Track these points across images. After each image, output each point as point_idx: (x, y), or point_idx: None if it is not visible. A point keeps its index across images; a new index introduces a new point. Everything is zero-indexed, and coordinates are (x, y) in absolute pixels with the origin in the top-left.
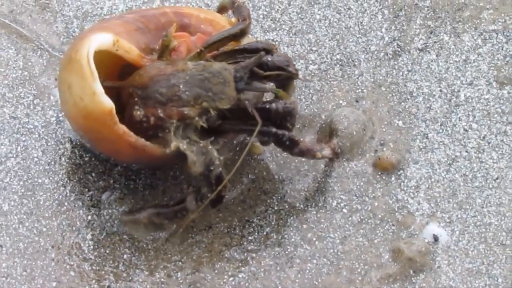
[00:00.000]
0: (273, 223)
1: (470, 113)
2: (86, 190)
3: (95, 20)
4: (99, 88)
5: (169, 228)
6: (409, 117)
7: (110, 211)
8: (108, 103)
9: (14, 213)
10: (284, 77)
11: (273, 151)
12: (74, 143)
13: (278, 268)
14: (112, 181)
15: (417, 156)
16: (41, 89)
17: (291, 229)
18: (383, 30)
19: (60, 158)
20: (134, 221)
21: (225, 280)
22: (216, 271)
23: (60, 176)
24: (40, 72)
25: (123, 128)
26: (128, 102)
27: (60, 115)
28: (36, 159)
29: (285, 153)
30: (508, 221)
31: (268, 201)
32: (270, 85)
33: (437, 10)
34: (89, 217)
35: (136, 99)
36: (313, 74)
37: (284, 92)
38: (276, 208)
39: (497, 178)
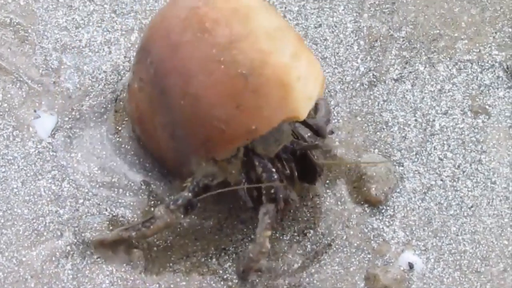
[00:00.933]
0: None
1: (445, 142)
2: (65, 219)
3: (73, 52)
4: None
5: (140, 241)
6: (384, 147)
7: (88, 235)
8: None
9: None
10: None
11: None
12: (53, 174)
13: None
14: (91, 209)
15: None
16: (20, 121)
17: (267, 258)
18: (359, 60)
19: (39, 189)
20: (101, 242)
21: None
22: None
23: (39, 206)
24: (20, 104)
25: None
26: None
27: (39, 145)
28: (15, 190)
29: None
30: (483, 248)
31: (245, 230)
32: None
33: (412, 40)
34: (68, 247)
35: None
36: None
37: (299, 186)
38: (252, 236)
39: (471, 206)
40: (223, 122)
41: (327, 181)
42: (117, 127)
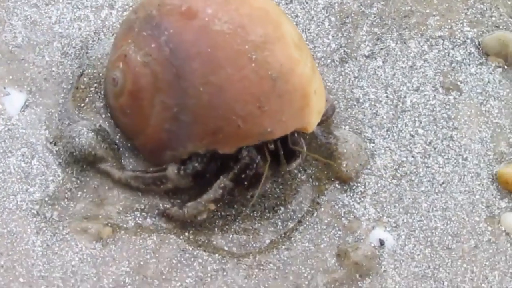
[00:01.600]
0: (217, 229)
1: (416, 119)
2: (36, 197)
3: (43, 29)
4: None
5: (146, 193)
6: (355, 123)
7: (62, 215)
8: None
9: None
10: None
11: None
12: (22, 151)
13: (224, 273)
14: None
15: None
16: None
17: (238, 234)
18: (330, 37)
19: (8, 166)
20: (107, 174)
21: (172, 285)
22: (163, 277)
23: (9, 184)
24: None
25: None
26: None
27: (9, 123)
28: None
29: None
30: (454, 225)
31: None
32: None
33: (383, 17)
34: (39, 225)
35: None
36: None
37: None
38: (223, 213)
39: (443, 183)
40: (242, 118)
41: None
42: (79, 104)
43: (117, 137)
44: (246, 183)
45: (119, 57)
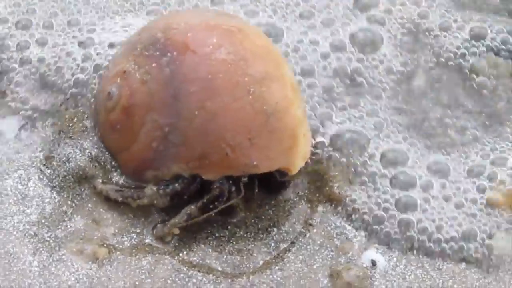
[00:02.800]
0: (211, 250)
1: None
2: (33, 219)
3: None
4: None
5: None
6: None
7: (58, 236)
8: None
9: None
10: None
11: None
12: (19, 174)
13: None
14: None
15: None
16: None
17: (232, 255)
18: None
19: (6, 188)
20: (95, 186)
21: None
22: None
23: (6, 205)
24: None
25: None
26: None
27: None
28: None
29: None
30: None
31: (209, 228)
32: None
33: None
34: (36, 245)
35: None
36: None
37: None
38: (217, 234)
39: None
40: (231, 147)
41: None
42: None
43: (106, 154)
44: (214, 213)
45: (117, 73)
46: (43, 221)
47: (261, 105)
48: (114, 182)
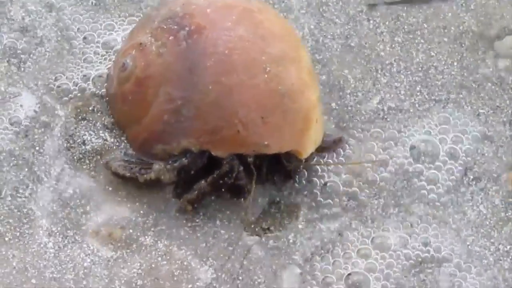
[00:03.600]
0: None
1: None
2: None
3: None
4: None
5: (132, 180)
6: None
7: (70, 215)
8: None
9: None
10: None
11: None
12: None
13: None
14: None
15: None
16: None
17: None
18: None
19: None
20: (105, 162)
21: (183, 287)
22: (174, 279)
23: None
24: None
25: None
26: None
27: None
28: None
29: None
30: None
31: (221, 212)
32: None
33: None
34: (50, 227)
35: None
36: None
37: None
38: (225, 222)
39: None
40: (243, 124)
41: None
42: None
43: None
44: (223, 190)
45: (133, 45)
46: (59, 202)
47: (276, 85)
48: (121, 158)
